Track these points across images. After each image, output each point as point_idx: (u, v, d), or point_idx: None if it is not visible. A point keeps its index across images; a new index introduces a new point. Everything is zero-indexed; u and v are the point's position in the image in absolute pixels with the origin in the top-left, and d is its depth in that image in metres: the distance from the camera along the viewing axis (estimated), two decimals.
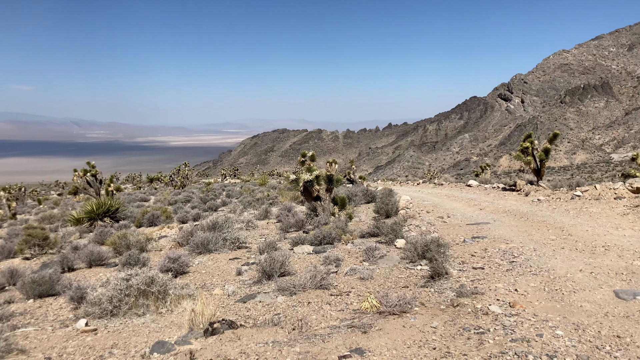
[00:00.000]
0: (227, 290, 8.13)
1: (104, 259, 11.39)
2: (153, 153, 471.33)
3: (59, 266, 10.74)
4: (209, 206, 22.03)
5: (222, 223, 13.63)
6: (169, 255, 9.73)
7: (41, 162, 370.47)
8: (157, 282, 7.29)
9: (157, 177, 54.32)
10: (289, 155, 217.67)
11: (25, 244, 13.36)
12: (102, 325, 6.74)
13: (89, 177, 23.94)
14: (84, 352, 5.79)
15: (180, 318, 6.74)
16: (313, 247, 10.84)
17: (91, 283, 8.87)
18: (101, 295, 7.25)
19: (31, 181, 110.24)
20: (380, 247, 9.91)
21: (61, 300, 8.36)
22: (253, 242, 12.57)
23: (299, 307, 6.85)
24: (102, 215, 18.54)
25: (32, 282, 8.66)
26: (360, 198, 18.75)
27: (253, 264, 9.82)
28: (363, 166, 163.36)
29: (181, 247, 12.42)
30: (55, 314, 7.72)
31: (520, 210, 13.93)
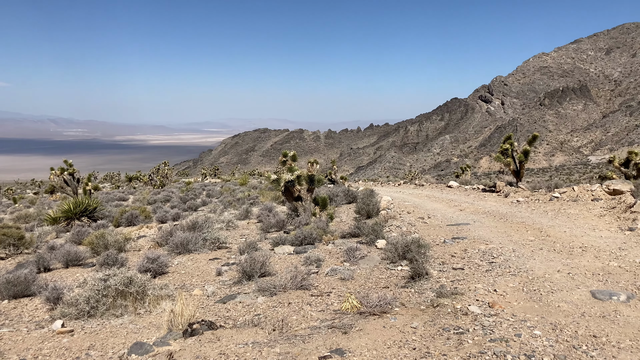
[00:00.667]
0: (207, 291, 8.07)
1: (81, 259, 11.22)
2: (132, 152, 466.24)
3: (35, 266, 10.54)
4: (188, 206, 21.85)
5: (202, 223, 13.53)
6: (147, 256, 9.61)
7: (17, 160, 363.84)
8: (136, 283, 7.19)
9: (136, 176, 53.72)
10: (270, 155, 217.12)
11: (0, 244, 13.09)
12: (79, 327, 6.62)
13: (66, 176, 23.58)
14: (60, 353, 5.68)
15: (159, 319, 6.67)
16: (294, 248, 10.81)
17: (68, 283, 8.72)
18: (78, 296, 7.13)
19: (6, 180, 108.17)
20: (361, 247, 9.92)
21: (37, 301, 8.20)
22: (233, 242, 12.50)
23: (279, 307, 6.82)
24: (80, 214, 18.26)
25: (7, 283, 8.48)
26: (341, 198, 18.78)
27: (233, 264, 9.76)
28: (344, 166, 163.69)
29: (160, 247, 12.29)
30: (30, 315, 7.57)
31: (499, 211, 14.08)
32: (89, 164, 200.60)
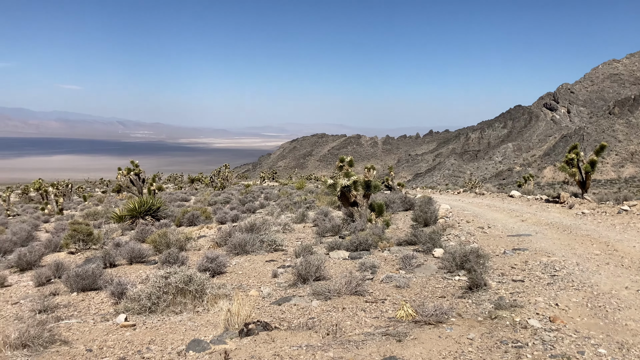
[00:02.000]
0: (263, 292, 8.20)
1: (144, 256, 11.66)
2: (195, 154, 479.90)
3: (102, 262, 11.03)
4: (247, 208, 22.26)
5: (259, 225, 13.76)
6: (207, 255, 9.88)
7: (87, 160, 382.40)
8: (195, 281, 7.40)
9: (198, 178, 55.28)
10: (327, 159, 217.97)
11: (70, 239, 13.80)
12: (140, 321, 6.88)
13: (132, 176, 24.55)
14: (122, 346, 5.93)
15: (216, 317, 6.83)
16: (349, 253, 10.81)
17: (131, 279, 9.09)
18: (140, 292, 7.41)
19: (78, 178, 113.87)
20: (418, 255, 9.80)
21: (103, 294, 8.59)
22: (289, 245, 12.64)
23: (333, 312, 6.84)
24: (144, 213, 18.97)
25: (76, 276, 8.93)
26: (398, 205, 18.61)
27: (289, 266, 9.87)
28: (402, 173, 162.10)
29: (219, 247, 12.59)
30: (96, 308, 7.93)
31: (563, 223, 13.55)
32: (154, 165, 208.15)
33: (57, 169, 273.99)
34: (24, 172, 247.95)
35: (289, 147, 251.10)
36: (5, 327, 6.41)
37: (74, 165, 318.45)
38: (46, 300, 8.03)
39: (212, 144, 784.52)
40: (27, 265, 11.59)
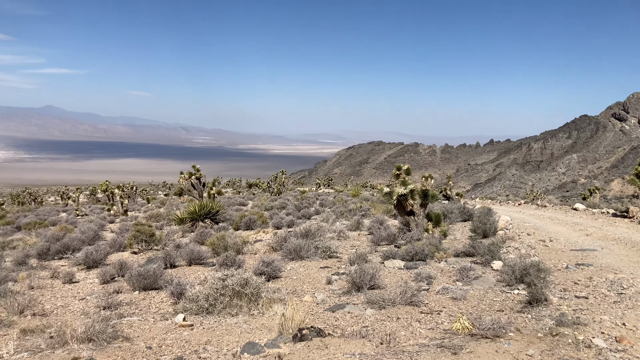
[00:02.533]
0: (317, 298, 8.24)
1: (203, 258, 11.97)
2: (254, 160, 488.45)
3: (162, 262, 11.40)
4: (302, 214, 22.45)
5: (314, 231, 13.84)
6: (263, 259, 10.03)
7: (152, 164, 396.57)
8: (251, 285, 7.53)
9: (255, 183, 56.25)
10: (383, 167, 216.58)
11: (134, 239, 14.35)
12: (198, 322, 7.07)
13: (193, 180, 25.26)
14: (180, 345, 6.10)
15: (271, 321, 6.92)
16: (404, 263, 10.70)
17: (190, 280, 9.35)
18: (199, 293, 7.62)
19: (142, 181, 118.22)
20: (476, 267, 9.58)
21: (162, 294, 8.88)
22: (344, 252, 12.64)
23: (387, 321, 6.79)
24: (204, 216, 19.48)
25: (138, 275, 9.28)
26: (456, 215, 18.26)
27: (343, 274, 9.87)
28: (461, 183, 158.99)
29: (275, 252, 12.76)
30: (156, 307, 8.21)
31: (632, 239, 12.88)
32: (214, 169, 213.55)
33: (123, 171, 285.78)
34: (92, 174, 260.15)
35: (345, 154, 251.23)
36: (73, 322, 6.74)
37: (139, 169, 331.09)
38: (110, 298, 8.37)
39: (269, 150, 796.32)
40: (93, 263, 12.14)
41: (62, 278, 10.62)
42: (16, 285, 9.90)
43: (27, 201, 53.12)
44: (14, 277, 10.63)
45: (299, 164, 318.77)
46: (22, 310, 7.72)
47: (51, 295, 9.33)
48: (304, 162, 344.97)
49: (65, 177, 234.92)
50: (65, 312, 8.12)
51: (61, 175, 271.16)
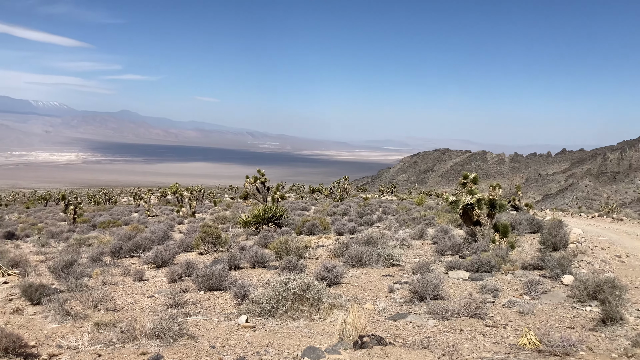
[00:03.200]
0: (378, 306, 8.17)
1: (266, 261, 12.15)
2: (317, 165, 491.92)
3: (227, 263, 11.66)
4: (365, 221, 22.36)
5: (376, 239, 13.75)
6: (324, 265, 10.06)
7: (219, 168, 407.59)
8: (313, 289, 7.57)
9: (318, 189, 56.64)
10: (449, 176, 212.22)
11: (201, 240, 14.78)
12: (260, 324, 7.17)
13: (258, 184, 25.75)
14: (243, 346, 6.22)
15: (332, 327, 6.92)
16: (469, 274, 10.43)
17: (253, 282, 9.51)
18: (261, 295, 7.74)
19: (209, 184, 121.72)
20: (544, 281, 9.21)
21: (227, 295, 9.08)
22: (406, 261, 12.47)
23: (450, 333, 6.64)
24: (267, 220, 19.79)
25: (204, 276, 9.54)
26: (524, 227, 17.61)
27: (405, 283, 9.75)
28: (530, 193, 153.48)
29: (336, 257, 12.76)
30: (220, 307, 8.41)
31: None
32: (278, 174, 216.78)
33: (192, 174, 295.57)
34: (163, 176, 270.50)
35: (410, 161, 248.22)
36: (142, 318, 7.01)
37: (207, 172, 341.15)
38: (177, 296, 8.65)
39: (333, 156, 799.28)
40: (162, 262, 12.59)
41: (132, 275, 11.08)
42: (91, 281, 10.42)
43: (102, 201, 55.96)
44: (89, 273, 11.19)
45: (362, 170, 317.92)
46: (96, 305, 8.11)
47: (122, 291, 9.75)
48: (367, 168, 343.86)
49: (138, 179, 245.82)
50: (135, 309, 8.46)
51: (134, 177, 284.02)
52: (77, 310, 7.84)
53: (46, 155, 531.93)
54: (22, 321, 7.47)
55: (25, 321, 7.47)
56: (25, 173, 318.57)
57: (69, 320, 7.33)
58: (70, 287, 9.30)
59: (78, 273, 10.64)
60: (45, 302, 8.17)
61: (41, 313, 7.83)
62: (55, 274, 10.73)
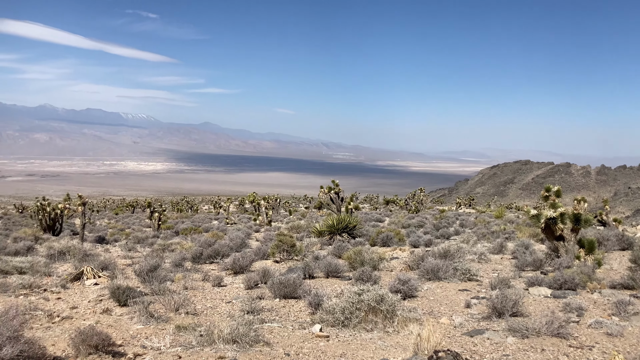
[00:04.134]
0: (454, 321, 7.98)
1: (340, 271, 12.19)
2: (392, 176, 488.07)
3: (302, 272, 11.80)
4: (441, 233, 21.93)
5: (453, 252, 13.44)
6: (399, 277, 9.97)
7: (295, 178, 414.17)
8: (387, 301, 7.52)
9: (392, 200, 56.17)
10: (530, 188, 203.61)
11: (276, 249, 15.07)
12: (333, 334, 7.21)
13: (332, 194, 25.94)
14: (316, 355, 6.27)
15: (406, 340, 6.84)
16: (551, 291, 9.96)
17: (327, 292, 9.57)
18: (335, 305, 7.78)
19: (285, 193, 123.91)
20: (635, 302, 8.63)
21: (301, 303, 9.20)
22: (484, 275, 12.11)
23: (530, 352, 6.37)
24: (341, 230, 19.87)
25: (280, 284, 9.72)
26: (612, 243, 16.60)
27: (483, 298, 9.46)
28: (619, 208, 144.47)
29: (411, 270, 12.60)
30: (295, 315, 8.53)
31: None
32: (352, 185, 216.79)
33: (269, 184, 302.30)
34: (242, 185, 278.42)
35: (489, 173, 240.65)
36: (220, 323, 7.26)
37: (283, 182, 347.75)
38: (253, 303, 8.86)
39: (408, 167, 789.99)
40: (239, 269, 12.95)
41: (212, 281, 11.47)
42: (173, 285, 10.89)
43: (184, 208, 58.38)
44: (172, 277, 11.70)
45: (439, 182, 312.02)
46: (177, 308, 8.47)
47: (202, 296, 10.12)
48: (443, 180, 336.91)
49: (218, 188, 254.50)
50: (214, 313, 8.75)
51: (215, 186, 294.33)
52: (160, 312, 8.23)
53: (134, 165, 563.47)
54: (110, 321, 7.93)
55: (113, 321, 7.93)
56: (115, 181, 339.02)
57: (153, 322, 7.70)
58: (154, 290, 9.77)
59: (161, 277, 11.16)
60: (131, 304, 8.63)
61: (127, 314, 8.28)
62: (141, 277, 11.30)
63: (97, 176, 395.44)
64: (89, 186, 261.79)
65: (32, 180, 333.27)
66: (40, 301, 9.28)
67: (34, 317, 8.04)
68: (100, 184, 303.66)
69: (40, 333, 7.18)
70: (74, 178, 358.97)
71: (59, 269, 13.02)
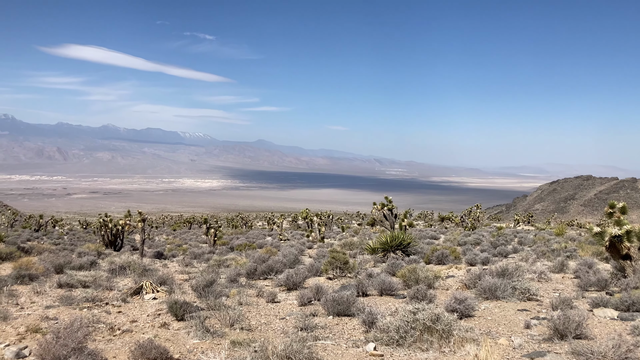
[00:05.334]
0: (513, 342, 7.71)
1: (394, 289, 12.04)
2: (447, 193, 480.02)
3: (355, 290, 11.73)
4: (498, 251, 21.31)
5: (512, 270, 13.03)
6: (455, 296, 9.74)
7: (347, 194, 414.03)
8: (442, 321, 7.36)
9: (448, 217, 55.13)
10: (592, 205, 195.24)
11: (329, 266, 15.06)
12: (388, 353, 7.11)
13: (385, 211, 25.73)
14: None
15: None
16: (618, 313, 9.48)
17: (381, 310, 9.46)
18: (389, 324, 7.68)
19: (338, 210, 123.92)
20: None
21: (354, 321, 9.13)
22: (545, 295, 11.66)
23: None
24: (395, 247, 19.65)
25: (333, 301, 9.70)
26: None
27: (544, 319, 9.11)
28: None
29: (467, 289, 12.29)
30: (349, 333, 8.47)
31: None
32: (406, 201, 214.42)
33: (321, 200, 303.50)
34: (295, 202, 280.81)
35: (548, 189, 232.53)
36: (274, 339, 7.30)
37: (335, 198, 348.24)
38: (307, 320, 8.87)
39: (464, 183, 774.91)
40: (293, 285, 13.01)
41: (266, 297, 11.57)
42: (228, 300, 11.06)
43: (239, 225, 59.37)
44: (227, 293, 11.89)
45: (496, 198, 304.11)
46: (232, 324, 8.59)
47: (256, 312, 10.22)
48: (501, 196, 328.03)
49: (272, 204, 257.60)
50: (268, 329, 8.81)
51: (268, 202, 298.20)
52: (216, 327, 8.36)
53: (191, 182, 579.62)
54: (168, 335, 8.13)
55: (171, 335, 8.12)
56: (173, 198, 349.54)
57: (209, 336, 7.83)
58: (210, 305, 9.95)
59: (217, 292, 11.36)
60: (188, 319, 8.82)
61: (184, 328, 8.47)
62: (197, 292, 11.54)
63: (156, 193, 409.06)
64: (149, 203, 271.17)
65: (95, 197, 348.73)
66: (103, 314, 9.63)
67: (96, 329, 8.34)
68: (159, 200, 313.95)
69: (102, 345, 7.44)
70: (135, 195, 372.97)
71: (120, 283, 13.48)
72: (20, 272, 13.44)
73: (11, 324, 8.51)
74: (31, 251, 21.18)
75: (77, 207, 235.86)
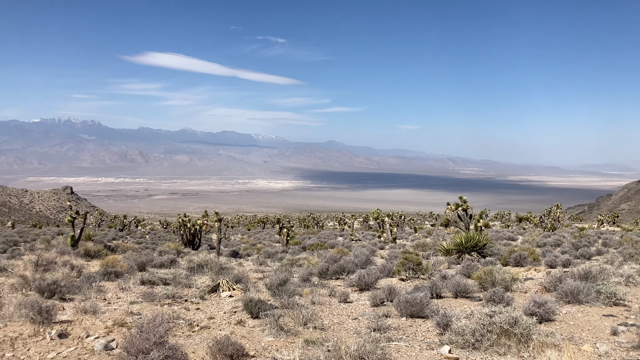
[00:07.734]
0: (599, 349, 7.31)
1: (469, 291, 11.73)
2: (526, 192, 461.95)
3: (429, 291, 11.53)
4: (581, 253, 20.26)
5: (595, 273, 12.36)
6: (534, 299, 9.36)
7: (420, 194, 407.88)
8: (521, 325, 7.10)
9: (526, 217, 53.06)
10: None
11: (402, 267, 14.91)
12: (463, 356, 6.95)
13: (460, 211, 25.13)
14: None
15: None
16: None
17: (456, 313, 9.25)
18: (464, 327, 7.49)
19: (410, 210, 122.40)
20: None
21: (428, 323, 8.99)
22: (633, 300, 10.96)
23: None
24: (470, 249, 19.15)
25: (406, 302, 9.59)
26: None
27: (633, 325, 8.56)
28: None
29: (547, 292, 11.78)
30: (422, 335, 8.35)
31: None
32: (481, 201, 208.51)
33: (393, 201, 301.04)
34: (366, 202, 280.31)
35: (636, 187, 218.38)
36: (347, 339, 7.32)
37: (407, 199, 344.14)
38: (379, 321, 8.83)
39: (544, 182, 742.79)
40: (365, 286, 12.98)
41: (338, 297, 11.62)
42: (301, 299, 11.20)
43: (311, 225, 60.01)
44: (300, 292, 12.04)
45: (578, 197, 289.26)
46: (305, 323, 8.69)
47: (329, 311, 10.28)
48: (583, 195, 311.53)
49: (343, 205, 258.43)
50: (340, 329, 8.85)
51: (339, 202, 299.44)
52: (289, 326, 8.49)
53: (264, 183, 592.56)
54: (244, 332, 8.35)
55: (246, 332, 8.34)
56: (247, 198, 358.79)
57: (282, 334, 7.97)
58: (284, 304, 10.12)
59: (290, 291, 11.53)
60: (263, 317, 9.02)
61: (259, 326, 8.66)
62: (271, 291, 11.77)
63: (232, 194, 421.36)
64: (224, 203, 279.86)
65: (174, 198, 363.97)
66: (182, 311, 10.03)
67: (176, 325, 8.70)
68: (234, 201, 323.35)
69: (182, 340, 7.75)
70: (211, 196, 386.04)
71: (198, 281, 13.99)
72: (107, 270, 14.29)
73: (100, 317, 9.05)
74: (116, 249, 22.45)
75: (157, 208, 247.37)
